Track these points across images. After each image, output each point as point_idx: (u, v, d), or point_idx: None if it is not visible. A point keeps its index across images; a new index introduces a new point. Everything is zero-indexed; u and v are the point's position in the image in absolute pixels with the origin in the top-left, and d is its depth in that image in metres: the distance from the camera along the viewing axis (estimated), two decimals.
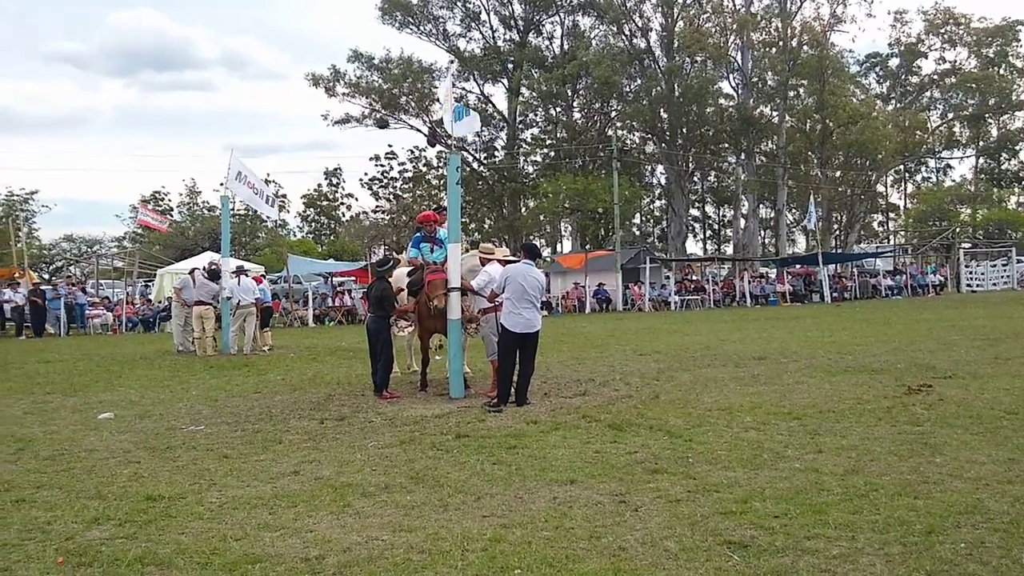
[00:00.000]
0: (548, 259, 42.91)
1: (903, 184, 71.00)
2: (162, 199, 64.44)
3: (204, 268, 19.41)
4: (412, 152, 61.46)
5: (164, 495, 6.08)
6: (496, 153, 57.12)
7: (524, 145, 56.93)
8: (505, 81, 54.08)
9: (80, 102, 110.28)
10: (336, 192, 70.83)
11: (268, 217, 40.51)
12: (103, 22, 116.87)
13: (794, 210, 62.04)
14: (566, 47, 54.13)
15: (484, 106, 55.14)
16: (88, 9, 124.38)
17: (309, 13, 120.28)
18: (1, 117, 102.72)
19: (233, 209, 35.21)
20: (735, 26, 49.87)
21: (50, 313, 27.25)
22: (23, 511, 5.79)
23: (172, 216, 58.11)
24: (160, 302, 30.32)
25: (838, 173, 57.15)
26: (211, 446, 7.86)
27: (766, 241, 64.37)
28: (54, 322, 27.22)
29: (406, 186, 62.98)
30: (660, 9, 50.46)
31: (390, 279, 11.46)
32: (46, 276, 49.92)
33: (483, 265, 10.90)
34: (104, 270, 43.30)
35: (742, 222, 55.14)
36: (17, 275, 29.28)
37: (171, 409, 10.26)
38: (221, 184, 20.87)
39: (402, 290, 11.83)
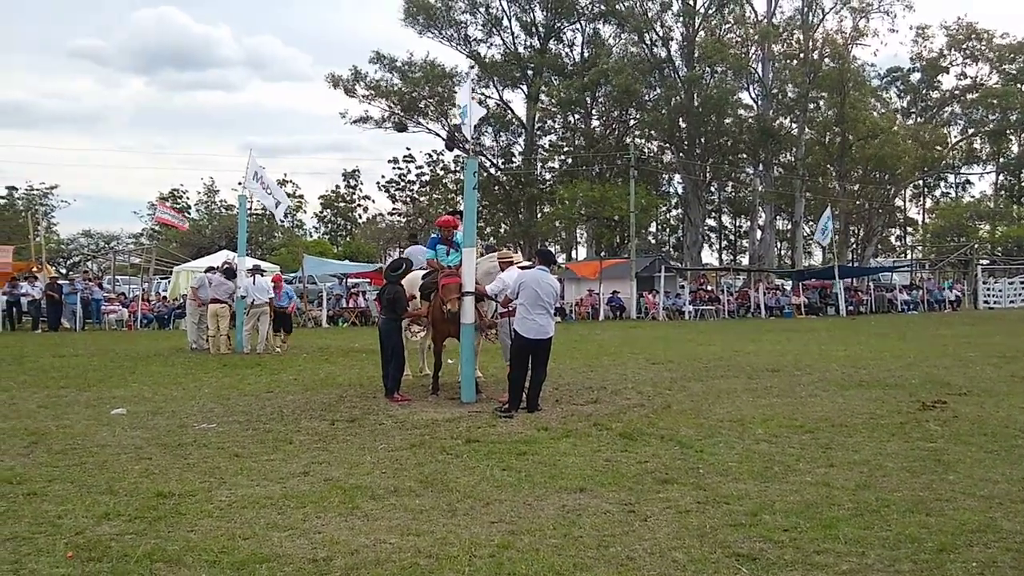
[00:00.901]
0: (560, 265, 42.82)
1: (922, 199, 70.71)
2: (180, 197, 64.86)
3: (219, 267, 19.53)
4: (430, 156, 61.74)
5: (174, 492, 6.11)
6: (514, 159, 57.25)
7: (542, 151, 56.97)
8: (524, 87, 54.13)
9: (101, 99, 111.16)
10: (353, 194, 71.25)
11: (280, 221, 40.88)
12: (126, 20, 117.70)
13: (811, 222, 61.78)
14: (586, 55, 54.18)
15: (503, 112, 55.25)
16: (111, 6, 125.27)
17: (332, 15, 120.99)
18: (23, 112, 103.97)
19: (250, 209, 35.42)
20: (757, 37, 49.82)
21: (66, 308, 27.34)
22: (35, 504, 5.83)
23: (189, 214, 58.35)
24: (175, 299, 30.47)
25: (856, 186, 56.95)
26: (222, 444, 7.89)
27: (782, 253, 64.12)
28: (70, 317, 27.33)
29: (423, 189, 63.21)
30: (682, 19, 50.42)
31: (402, 283, 11.47)
32: (63, 271, 50.21)
33: (502, 270, 10.92)
34: (121, 266, 43.61)
35: (758, 233, 55.00)
36: (35, 269, 29.48)
37: (183, 406, 10.29)
38: (239, 184, 20.95)
39: (415, 297, 11.82)
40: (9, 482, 6.43)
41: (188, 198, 65.45)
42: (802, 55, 50.16)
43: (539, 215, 54.84)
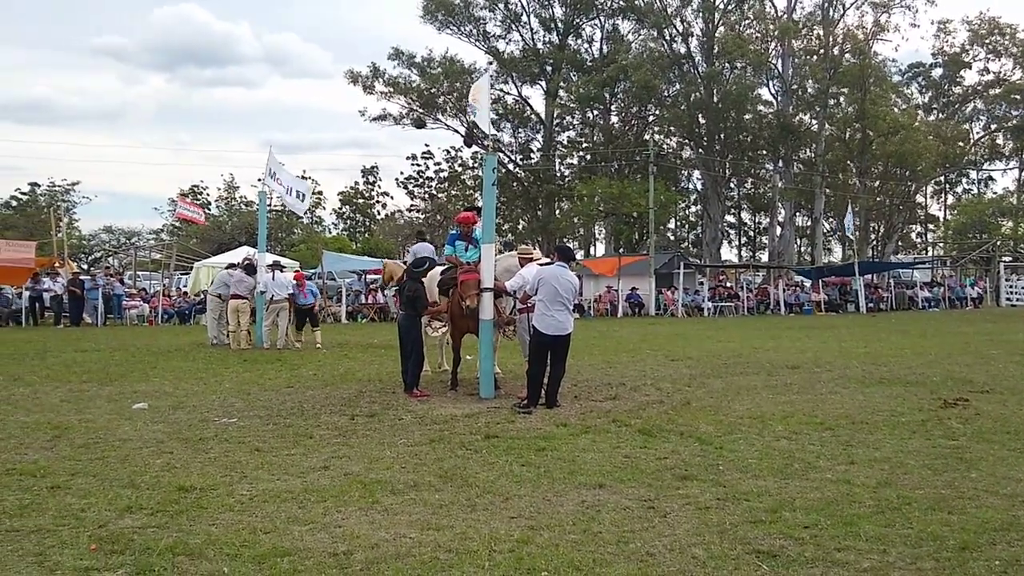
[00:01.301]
0: (578, 262, 42.72)
1: (943, 195, 70.10)
2: (200, 193, 65.11)
3: (240, 263, 19.62)
4: (448, 152, 61.76)
5: (196, 486, 6.15)
6: (532, 155, 57.16)
7: (560, 148, 56.88)
8: (543, 83, 54.07)
9: (123, 96, 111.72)
10: (372, 190, 71.33)
11: (299, 215, 40.91)
12: (147, 17, 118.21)
13: (831, 219, 61.46)
14: (605, 51, 54.04)
15: (521, 108, 55.21)
16: (133, 4, 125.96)
17: (350, 12, 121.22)
18: (45, 110, 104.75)
19: (270, 205, 35.61)
20: (776, 33, 49.53)
21: (88, 303, 27.61)
22: (58, 497, 5.88)
23: (209, 210, 58.57)
24: (196, 295, 30.63)
25: (877, 183, 56.53)
26: (243, 439, 7.93)
27: (802, 249, 63.82)
28: (91, 312, 27.56)
29: (441, 186, 63.27)
30: (701, 14, 50.23)
31: (423, 280, 11.49)
32: (85, 266, 50.58)
33: (523, 266, 10.93)
34: (142, 262, 43.79)
35: (778, 230, 54.74)
36: (57, 265, 29.71)
37: (204, 401, 10.36)
38: (259, 180, 21.07)
39: (436, 303, 11.82)
40: (33, 475, 6.50)
41: (208, 194, 65.74)
42: (822, 51, 49.87)
43: (557, 211, 54.77)
